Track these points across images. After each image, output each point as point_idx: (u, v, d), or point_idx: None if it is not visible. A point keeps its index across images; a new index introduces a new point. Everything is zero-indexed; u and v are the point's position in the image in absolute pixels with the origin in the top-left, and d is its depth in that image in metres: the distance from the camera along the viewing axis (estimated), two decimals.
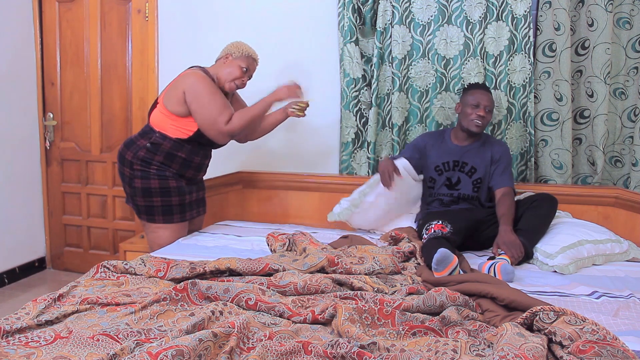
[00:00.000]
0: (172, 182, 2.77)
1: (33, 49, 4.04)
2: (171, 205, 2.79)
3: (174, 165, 2.77)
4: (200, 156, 2.84)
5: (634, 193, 2.95)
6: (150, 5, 3.75)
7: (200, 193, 2.99)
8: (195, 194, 2.93)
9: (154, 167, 2.74)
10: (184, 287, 1.89)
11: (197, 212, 2.97)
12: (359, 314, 1.73)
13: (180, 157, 2.76)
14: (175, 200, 2.80)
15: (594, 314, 1.89)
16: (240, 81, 2.79)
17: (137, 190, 2.76)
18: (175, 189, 2.78)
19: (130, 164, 2.76)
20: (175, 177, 2.79)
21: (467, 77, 3.19)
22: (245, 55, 2.79)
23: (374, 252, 2.42)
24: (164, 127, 2.73)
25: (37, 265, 4.17)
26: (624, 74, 3.13)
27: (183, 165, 2.79)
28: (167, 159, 2.74)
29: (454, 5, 3.18)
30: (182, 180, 2.82)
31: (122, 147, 2.82)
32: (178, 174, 2.80)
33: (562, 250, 2.47)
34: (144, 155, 2.73)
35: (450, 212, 2.83)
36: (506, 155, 2.91)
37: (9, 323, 1.64)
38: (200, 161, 2.87)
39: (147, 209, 2.78)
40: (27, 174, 4.05)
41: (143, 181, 2.74)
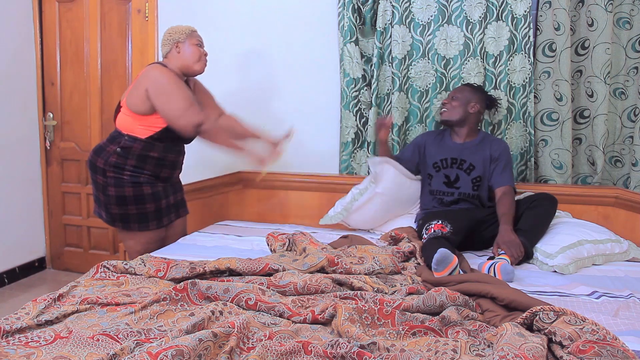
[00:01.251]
0: (146, 188, 2.70)
1: (33, 49, 4.04)
2: (146, 212, 2.72)
3: (148, 166, 2.69)
4: (173, 153, 2.78)
5: (634, 193, 2.95)
6: (150, 5, 3.75)
7: (177, 195, 2.92)
8: (172, 196, 2.86)
9: (127, 172, 2.66)
10: (184, 287, 1.89)
11: (175, 215, 2.90)
12: (358, 314, 1.73)
13: (153, 157, 2.69)
14: (150, 207, 2.72)
15: (594, 314, 1.89)
16: (204, 57, 2.74)
17: (112, 198, 2.68)
18: (149, 196, 2.71)
19: (102, 171, 2.67)
20: (150, 182, 2.71)
21: (467, 77, 3.19)
22: (189, 33, 2.72)
23: (374, 252, 2.42)
24: (131, 129, 2.65)
25: (37, 265, 4.17)
26: (624, 73, 3.13)
27: (157, 165, 2.72)
28: (140, 161, 2.67)
29: (454, 5, 3.18)
30: (157, 183, 2.75)
31: (92, 155, 2.73)
32: (153, 175, 2.72)
33: (562, 250, 2.47)
34: (116, 161, 2.65)
35: (450, 212, 2.83)
36: (506, 153, 2.91)
37: (8, 323, 1.64)
38: (174, 158, 2.80)
39: (122, 216, 2.71)
40: (27, 173, 4.06)
41: (117, 189, 2.66)
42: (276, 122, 3.56)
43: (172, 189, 2.87)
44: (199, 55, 2.72)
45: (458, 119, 2.94)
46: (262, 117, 3.54)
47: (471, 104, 2.93)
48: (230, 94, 3.45)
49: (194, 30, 2.76)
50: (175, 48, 2.71)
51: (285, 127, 3.53)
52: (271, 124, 3.57)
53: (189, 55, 2.70)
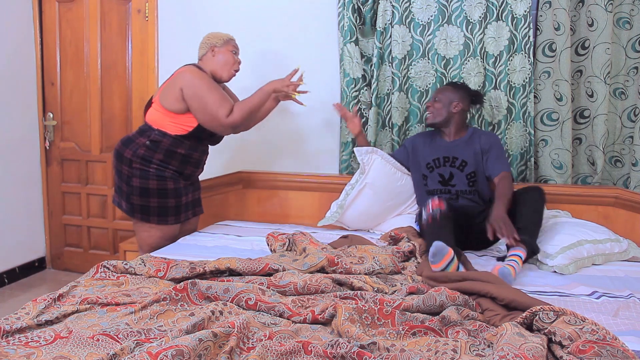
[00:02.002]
0: (170, 183, 2.76)
1: (33, 49, 4.04)
2: (167, 207, 2.78)
3: (174, 162, 2.75)
4: (198, 152, 2.84)
5: (634, 193, 2.95)
6: (150, 5, 3.75)
7: (196, 193, 2.99)
8: (191, 194, 2.92)
9: (153, 166, 2.72)
10: (184, 287, 1.89)
11: (192, 212, 2.96)
12: (359, 314, 1.73)
13: (180, 153, 2.75)
14: (171, 202, 2.79)
15: (593, 314, 1.89)
16: (237, 65, 2.81)
17: (135, 189, 2.74)
18: (172, 191, 2.78)
19: (129, 162, 2.74)
20: (174, 178, 2.77)
21: (467, 77, 3.19)
22: (227, 40, 2.80)
23: (374, 251, 2.42)
24: (162, 124, 2.72)
25: (37, 265, 4.17)
26: (624, 73, 3.13)
27: (183, 161, 2.78)
28: (167, 156, 2.73)
29: (454, 5, 3.18)
30: (180, 180, 2.81)
31: (120, 145, 2.79)
32: (177, 171, 2.78)
33: (562, 250, 2.47)
34: (144, 153, 2.72)
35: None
36: (496, 143, 2.90)
37: (8, 323, 1.64)
38: (199, 157, 2.87)
39: (143, 208, 2.76)
40: (27, 174, 4.06)
41: (141, 180, 2.72)
42: (275, 122, 3.57)
43: (192, 187, 2.94)
44: (232, 62, 2.79)
45: (442, 120, 2.95)
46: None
47: (454, 104, 2.93)
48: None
49: (232, 38, 2.83)
50: (211, 52, 2.78)
51: (285, 126, 3.54)
52: (271, 124, 3.58)
53: (223, 61, 2.78)
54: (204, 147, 2.90)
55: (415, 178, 3.09)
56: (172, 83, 2.71)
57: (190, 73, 2.68)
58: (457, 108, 2.93)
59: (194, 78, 2.66)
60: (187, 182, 2.88)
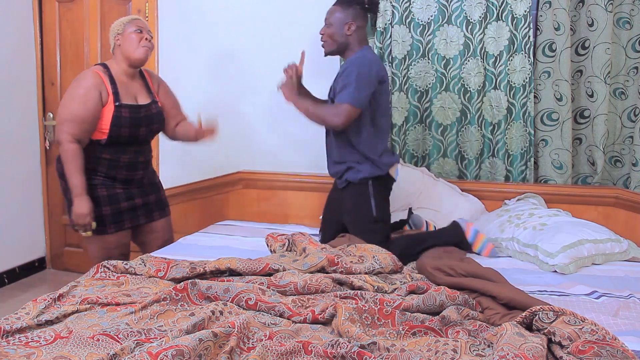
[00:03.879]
0: (101, 190, 2.61)
1: (33, 49, 4.04)
2: (102, 215, 2.60)
3: (101, 168, 2.61)
4: (128, 154, 2.64)
5: (634, 193, 2.95)
6: (150, 5, 3.75)
7: (150, 197, 2.79)
8: (139, 198, 2.74)
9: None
10: (184, 287, 1.89)
11: (146, 217, 2.78)
12: (359, 313, 1.73)
13: (105, 158, 2.60)
14: (106, 210, 2.61)
15: (593, 313, 1.89)
16: (144, 42, 2.59)
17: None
18: (105, 198, 2.61)
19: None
20: (106, 184, 2.63)
21: (467, 77, 3.19)
22: (126, 22, 2.61)
23: (374, 250, 2.41)
24: None
25: (37, 265, 4.17)
26: (624, 74, 3.13)
27: (110, 166, 2.62)
28: (92, 163, 2.58)
29: (454, 5, 3.18)
30: (115, 185, 2.65)
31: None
32: (108, 177, 2.63)
33: (563, 249, 2.47)
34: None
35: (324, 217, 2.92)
36: (347, 69, 2.52)
37: (9, 323, 1.64)
38: (131, 159, 2.66)
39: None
40: (27, 173, 4.05)
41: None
42: (275, 122, 3.57)
43: (140, 190, 2.76)
44: (137, 41, 2.58)
45: (337, 47, 2.65)
46: (259, 115, 3.55)
47: (347, 25, 2.59)
48: (230, 92, 3.45)
49: (133, 19, 2.64)
50: (116, 41, 2.62)
51: (285, 126, 3.54)
52: (271, 123, 3.58)
53: (128, 45, 2.59)
54: (136, 148, 2.68)
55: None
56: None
57: (78, 76, 2.62)
58: (352, 29, 2.59)
59: (74, 81, 2.59)
60: (129, 187, 2.70)
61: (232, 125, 3.43)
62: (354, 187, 2.65)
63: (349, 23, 2.59)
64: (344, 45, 2.63)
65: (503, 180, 3.24)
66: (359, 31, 2.61)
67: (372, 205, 2.62)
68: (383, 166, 2.63)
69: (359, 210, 2.64)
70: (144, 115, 2.65)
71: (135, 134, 2.63)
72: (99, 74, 2.57)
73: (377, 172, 2.62)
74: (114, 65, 2.64)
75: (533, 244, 2.59)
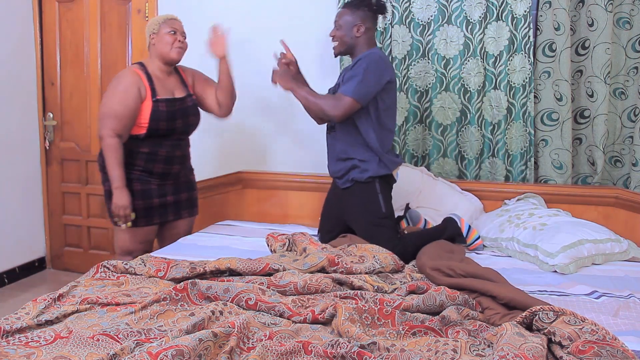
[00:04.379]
0: (136, 184, 2.72)
1: (33, 49, 4.04)
2: (134, 209, 2.70)
3: (139, 162, 2.72)
4: (165, 147, 2.75)
5: (634, 193, 2.95)
6: (150, 5, 3.75)
7: (182, 195, 2.90)
8: (171, 196, 2.84)
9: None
10: (184, 287, 1.89)
11: (174, 215, 2.88)
12: (359, 313, 1.73)
13: (143, 152, 2.72)
14: (138, 204, 2.72)
15: (593, 313, 1.89)
16: (177, 43, 2.72)
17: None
18: (139, 192, 2.72)
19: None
20: (142, 179, 2.73)
21: (467, 77, 3.19)
22: (161, 22, 2.73)
23: (374, 250, 2.41)
24: None
25: (37, 265, 4.17)
26: (624, 74, 3.13)
27: (148, 160, 2.73)
28: (131, 157, 2.70)
29: (454, 5, 3.18)
30: (151, 180, 2.76)
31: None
32: (145, 171, 2.74)
33: (563, 249, 2.47)
34: None
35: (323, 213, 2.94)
36: (356, 66, 2.55)
37: (9, 323, 1.64)
38: (168, 153, 2.77)
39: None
40: (27, 174, 4.05)
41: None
42: (274, 121, 3.57)
43: (174, 187, 2.86)
44: (171, 43, 2.71)
45: (346, 48, 2.67)
46: (259, 115, 3.55)
47: (356, 27, 2.61)
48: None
49: (170, 18, 2.75)
50: (152, 40, 2.75)
51: (285, 126, 3.54)
52: (269, 123, 3.58)
53: (162, 45, 2.72)
54: (173, 142, 2.80)
55: None
56: None
57: (118, 74, 2.76)
58: (361, 31, 2.61)
59: (114, 79, 2.73)
60: (164, 182, 2.81)
61: (232, 126, 3.43)
62: (360, 186, 2.65)
63: (358, 25, 2.61)
64: (353, 46, 2.66)
65: (503, 180, 3.24)
66: (367, 33, 2.64)
67: (381, 202, 2.63)
68: (390, 164, 2.64)
69: (368, 208, 2.64)
70: (179, 108, 2.76)
71: (172, 127, 2.74)
72: (137, 72, 2.71)
73: (383, 170, 2.63)
74: (150, 63, 2.78)
75: (533, 244, 2.59)
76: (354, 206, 2.69)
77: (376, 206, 2.63)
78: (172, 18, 2.77)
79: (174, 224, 2.94)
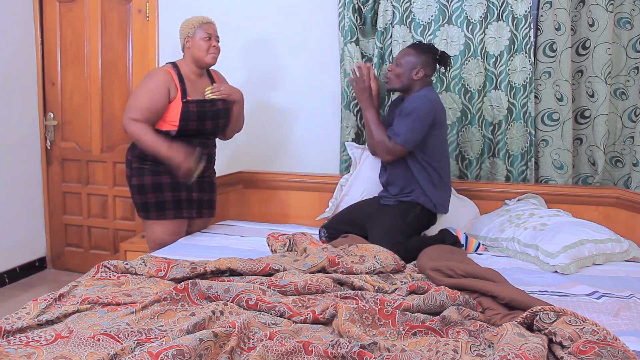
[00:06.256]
0: (165, 177, 2.80)
1: (34, 49, 4.04)
2: (164, 200, 2.81)
3: None
4: (194, 145, 2.82)
5: (635, 193, 2.95)
6: (150, 5, 3.75)
7: (205, 194, 2.97)
8: (196, 193, 2.91)
9: (148, 162, 2.79)
10: (185, 287, 1.89)
11: (197, 212, 2.95)
12: (359, 313, 1.73)
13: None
14: (168, 196, 2.82)
15: (594, 314, 1.89)
16: (212, 48, 2.80)
17: (134, 187, 2.82)
18: (168, 185, 2.81)
19: (129, 163, 2.85)
20: (170, 172, 2.79)
21: (468, 77, 3.19)
22: (197, 26, 2.79)
23: (375, 250, 2.41)
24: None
25: (37, 265, 4.17)
26: (625, 74, 3.13)
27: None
28: None
29: (455, 5, 3.18)
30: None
31: (127, 150, 2.90)
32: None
33: (564, 249, 2.47)
34: (140, 152, 2.79)
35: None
36: (408, 106, 2.66)
37: (9, 323, 1.64)
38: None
39: (143, 205, 2.83)
40: (27, 173, 4.06)
41: (138, 178, 2.80)
42: (276, 122, 3.57)
43: (199, 185, 2.92)
44: (206, 49, 2.78)
45: (401, 87, 2.78)
46: (262, 117, 3.55)
47: (415, 70, 2.72)
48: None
49: (205, 22, 2.82)
50: (186, 42, 2.82)
51: (285, 126, 3.54)
52: (271, 124, 3.58)
53: (198, 50, 2.79)
54: (202, 140, 2.89)
55: None
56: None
57: (150, 72, 2.87)
58: (419, 75, 2.73)
59: (146, 76, 2.82)
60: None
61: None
62: (402, 204, 2.77)
63: (418, 69, 2.72)
64: (408, 86, 2.77)
65: (504, 180, 3.24)
66: (425, 78, 2.76)
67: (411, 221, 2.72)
68: (436, 203, 2.76)
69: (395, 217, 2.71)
70: (209, 109, 2.83)
71: (202, 127, 2.82)
72: (170, 72, 2.77)
73: (428, 204, 2.75)
74: (183, 64, 2.84)
75: (534, 244, 2.59)
76: (385, 212, 2.77)
77: (404, 220, 2.70)
78: (208, 22, 2.84)
79: (192, 222, 3.03)
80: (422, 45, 2.81)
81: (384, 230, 2.66)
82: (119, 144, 3.96)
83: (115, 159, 4.00)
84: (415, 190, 2.75)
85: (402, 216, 2.72)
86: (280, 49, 3.52)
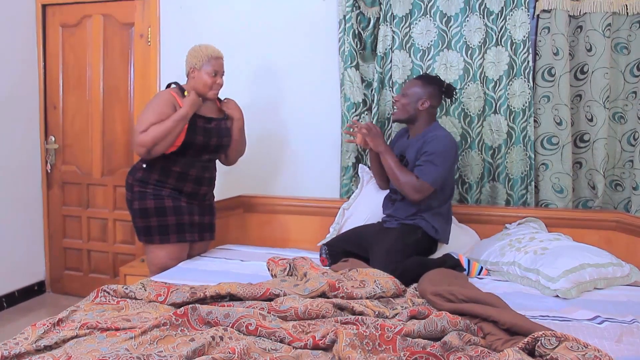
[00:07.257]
0: (168, 201, 2.80)
1: (36, 73, 4.08)
2: (167, 225, 2.81)
3: (170, 180, 2.81)
4: (196, 168, 2.85)
5: (635, 217, 2.95)
6: (152, 30, 3.79)
7: (206, 218, 2.98)
8: (197, 216, 2.92)
9: (150, 186, 2.79)
10: (184, 312, 1.88)
11: (199, 236, 2.95)
12: (360, 339, 1.72)
13: (175, 171, 2.81)
14: (171, 220, 2.81)
15: (596, 339, 1.88)
16: (216, 85, 2.84)
17: (136, 211, 2.81)
18: (171, 209, 2.81)
19: (130, 187, 2.84)
20: (173, 196, 2.81)
21: (467, 102, 3.21)
22: (205, 60, 2.80)
23: (375, 275, 2.40)
24: None
25: (36, 288, 4.16)
26: (623, 98, 3.15)
27: (179, 179, 2.82)
28: (163, 174, 2.80)
29: (454, 31, 3.21)
30: (181, 198, 2.84)
31: (127, 174, 2.90)
32: (176, 189, 2.83)
33: (565, 274, 2.46)
34: (142, 176, 2.80)
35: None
36: (432, 147, 2.69)
37: (7, 348, 1.63)
38: (198, 173, 2.87)
39: (145, 229, 2.82)
40: (28, 196, 4.06)
41: (140, 202, 2.79)
42: (276, 146, 3.59)
43: (200, 209, 2.94)
44: (209, 85, 2.82)
45: (407, 117, 2.82)
46: (262, 141, 3.56)
47: (421, 101, 2.77)
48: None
49: (214, 57, 2.82)
50: (192, 72, 2.83)
51: (285, 150, 3.55)
52: (271, 147, 3.59)
53: (202, 84, 2.81)
54: (204, 163, 2.90)
55: None
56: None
57: (158, 93, 2.92)
58: (425, 106, 2.78)
59: (154, 97, 2.87)
60: (192, 202, 2.89)
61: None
62: (405, 226, 2.78)
63: (424, 100, 2.78)
64: (414, 118, 2.81)
65: (504, 204, 3.25)
66: (430, 109, 2.81)
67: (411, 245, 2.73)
68: (441, 230, 2.81)
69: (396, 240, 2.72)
70: (215, 126, 2.88)
71: (208, 143, 2.84)
72: (173, 94, 2.80)
73: (430, 231, 2.78)
74: (187, 88, 2.86)
75: (534, 269, 2.58)
76: (387, 233, 2.79)
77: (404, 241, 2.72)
78: (217, 57, 2.84)
79: (193, 245, 3.02)
80: (428, 76, 2.87)
81: (385, 249, 2.67)
82: (120, 168, 3.97)
83: (115, 183, 4.00)
84: (418, 218, 2.78)
85: (403, 237, 2.73)
86: (281, 73, 3.54)
